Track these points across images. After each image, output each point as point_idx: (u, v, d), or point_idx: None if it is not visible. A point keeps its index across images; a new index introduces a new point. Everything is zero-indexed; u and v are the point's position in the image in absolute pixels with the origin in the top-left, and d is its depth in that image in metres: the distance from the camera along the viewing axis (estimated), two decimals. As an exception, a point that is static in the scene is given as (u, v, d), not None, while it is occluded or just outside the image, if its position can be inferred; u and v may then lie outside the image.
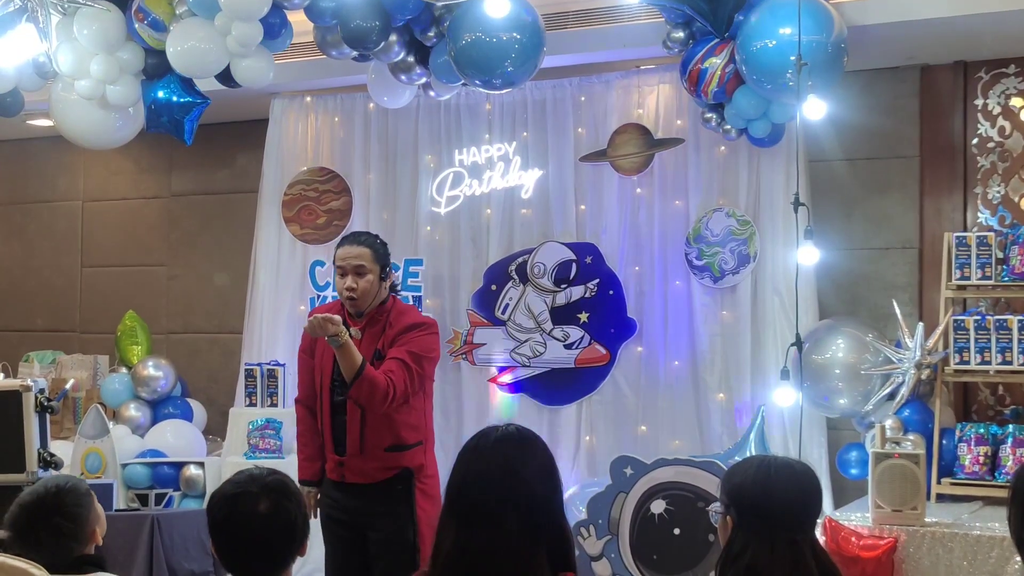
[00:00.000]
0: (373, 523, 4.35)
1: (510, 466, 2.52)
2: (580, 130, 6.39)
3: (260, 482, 2.70)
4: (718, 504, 2.68)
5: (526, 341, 6.40)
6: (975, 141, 5.94)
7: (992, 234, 5.34)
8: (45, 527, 3.08)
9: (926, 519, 4.69)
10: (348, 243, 4.50)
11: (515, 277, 6.45)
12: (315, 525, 3.62)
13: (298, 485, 4.09)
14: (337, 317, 4.16)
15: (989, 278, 5.29)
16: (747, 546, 2.53)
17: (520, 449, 2.57)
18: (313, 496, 4.49)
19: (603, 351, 6.25)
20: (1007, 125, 5.89)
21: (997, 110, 5.90)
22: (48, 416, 4.69)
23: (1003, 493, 2.80)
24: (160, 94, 5.39)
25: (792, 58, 4.90)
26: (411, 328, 4.39)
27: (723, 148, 6.04)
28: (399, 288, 4.79)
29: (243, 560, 2.66)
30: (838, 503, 5.54)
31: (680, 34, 5.50)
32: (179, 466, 6.63)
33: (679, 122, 6.18)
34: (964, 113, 5.95)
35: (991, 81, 5.92)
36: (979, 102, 5.93)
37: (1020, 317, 5.19)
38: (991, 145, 5.91)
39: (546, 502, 2.55)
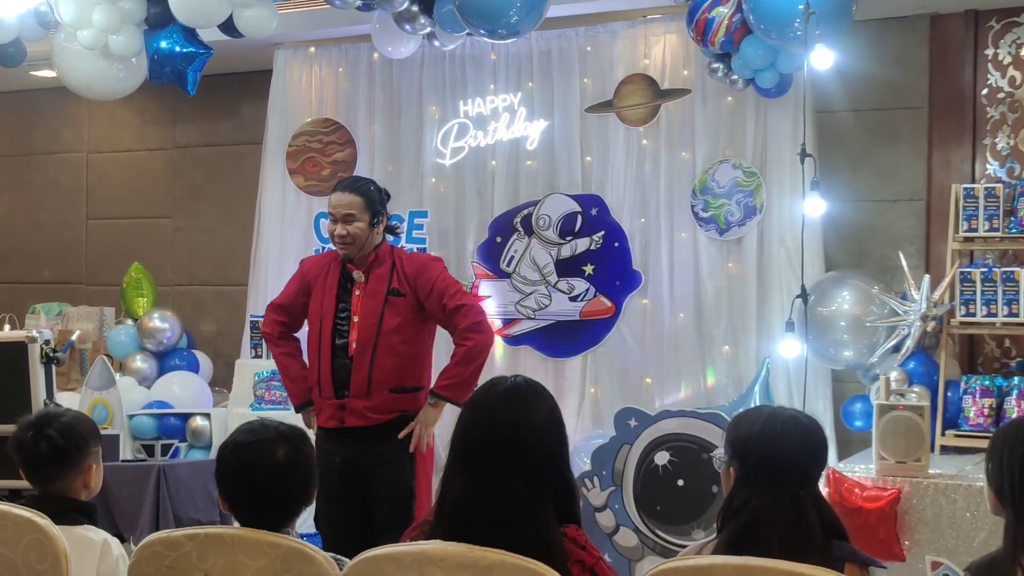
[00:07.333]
0: (374, 473, 4.34)
1: (518, 417, 2.52)
2: (586, 80, 6.34)
3: (274, 430, 2.66)
4: (721, 451, 2.67)
5: (531, 293, 6.39)
6: (985, 92, 5.88)
7: (1000, 186, 5.30)
8: (53, 426, 3.06)
9: (930, 471, 4.69)
10: (339, 190, 4.46)
11: (520, 229, 6.43)
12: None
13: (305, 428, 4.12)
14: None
15: (996, 230, 5.25)
16: (749, 500, 2.52)
17: (528, 400, 2.56)
18: (312, 415, 4.50)
19: (608, 303, 6.24)
20: (1017, 75, 5.82)
21: (1008, 60, 5.84)
22: (54, 367, 4.69)
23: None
24: (163, 44, 5.34)
25: (800, 7, 4.85)
26: (435, 269, 4.43)
27: (730, 99, 5.99)
28: (400, 233, 4.74)
29: (258, 509, 2.60)
30: (842, 455, 5.55)
31: (687, -17, 5.45)
32: (185, 417, 6.66)
33: (686, 72, 6.13)
34: (974, 63, 5.88)
35: (1002, 30, 5.84)
36: (989, 52, 5.86)
37: (1027, 269, 5.17)
38: (1001, 96, 5.85)
39: (552, 454, 2.54)
